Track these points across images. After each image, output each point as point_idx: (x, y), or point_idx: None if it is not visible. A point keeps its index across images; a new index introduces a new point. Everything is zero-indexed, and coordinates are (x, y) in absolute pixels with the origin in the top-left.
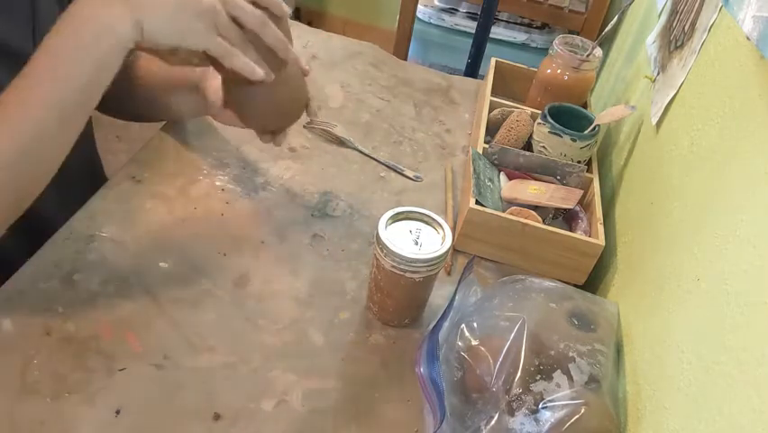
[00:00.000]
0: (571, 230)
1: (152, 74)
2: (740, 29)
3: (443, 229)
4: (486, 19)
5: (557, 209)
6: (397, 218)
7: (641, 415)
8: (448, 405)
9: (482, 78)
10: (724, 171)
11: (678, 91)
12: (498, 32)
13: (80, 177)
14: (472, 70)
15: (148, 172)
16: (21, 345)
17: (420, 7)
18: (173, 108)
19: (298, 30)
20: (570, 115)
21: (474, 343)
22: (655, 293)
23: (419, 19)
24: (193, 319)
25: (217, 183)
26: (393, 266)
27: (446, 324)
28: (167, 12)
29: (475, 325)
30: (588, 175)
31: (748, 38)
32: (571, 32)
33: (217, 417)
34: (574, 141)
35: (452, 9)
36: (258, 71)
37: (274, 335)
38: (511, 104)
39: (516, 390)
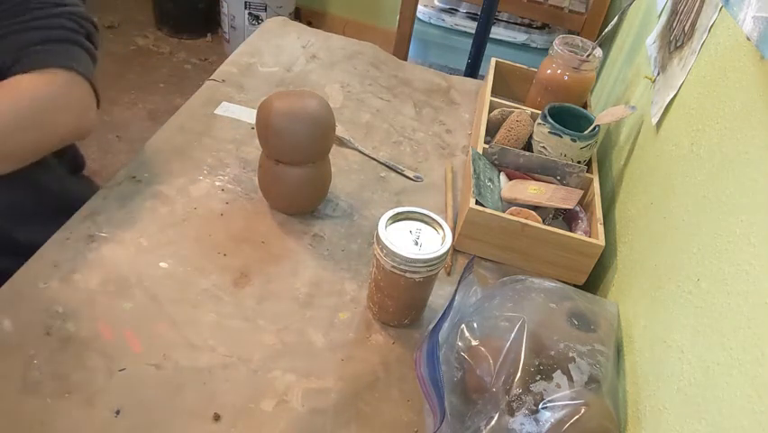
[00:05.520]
0: (571, 230)
1: None
2: (740, 29)
3: (443, 229)
4: (486, 19)
5: (557, 209)
6: (397, 218)
7: (641, 415)
8: (448, 405)
9: (482, 78)
10: (724, 171)
11: (678, 91)
12: (498, 32)
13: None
14: (472, 70)
15: (148, 172)
16: (21, 345)
17: (420, 7)
18: None
19: (298, 30)
20: (570, 115)
21: (474, 343)
22: (655, 293)
23: (419, 19)
24: (193, 319)
25: (217, 183)
26: (393, 266)
27: (446, 324)
28: None
29: (475, 325)
30: (588, 175)
31: (748, 38)
32: (571, 33)
33: (217, 417)
34: (574, 141)
35: (452, 9)
36: None
37: (274, 335)
38: (511, 104)
39: (516, 390)
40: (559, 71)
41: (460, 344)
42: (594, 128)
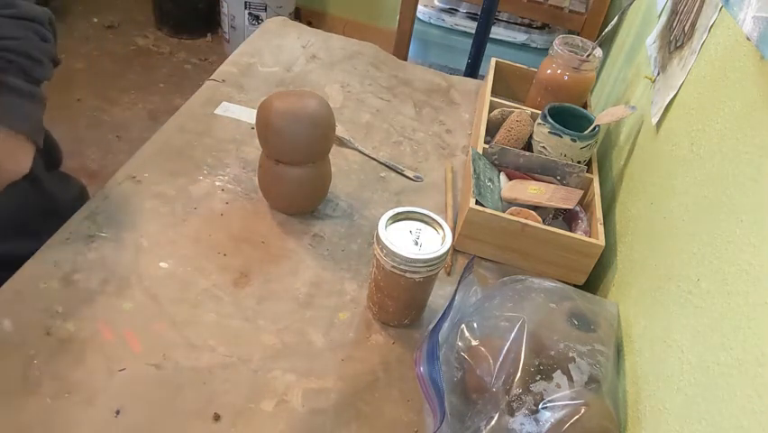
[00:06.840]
0: (571, 230)
1: None
2: (740, 29)
3: (443, 229)
4: (486, 19)
5: (557, 209)
6: (397, 218)
7: (641, 415)
8: (448, 405)
9: (482, 78)
10: (724, 171)
11: (678, 91)
12: (498, 32)
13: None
14: (472, 70)
15: (148, 172)
16: (21, 345)
17: (420, 7)
18: None
19: (298, 30)
20: (570, 115)
21: (474, 343)
22: (655, 293)
23: (419, 19)
24: (193, 319)
25: (217, 183)
26: (393, 266)
27: (446, 324)
28: None
29: (475, 325)
30: (588, 175)
31: (748, 38)
32: (571, 33)
33: (217, 417)
34: (574, 141)
35: (452, 9)
36: None
37: (274, 335)
38: (511, 104)
39: (516, 390)
40: (559, 71)
41: (460, 344)
42: (594, 128)
